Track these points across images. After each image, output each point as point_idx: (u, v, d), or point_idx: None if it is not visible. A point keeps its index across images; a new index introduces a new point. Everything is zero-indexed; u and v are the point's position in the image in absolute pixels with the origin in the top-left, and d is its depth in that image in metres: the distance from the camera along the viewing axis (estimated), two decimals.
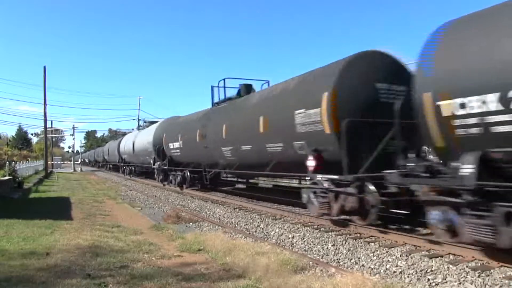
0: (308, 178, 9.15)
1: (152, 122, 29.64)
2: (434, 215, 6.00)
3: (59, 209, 12.03)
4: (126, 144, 31.74)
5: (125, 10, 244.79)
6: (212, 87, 16.09)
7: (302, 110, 8.81)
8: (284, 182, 19.03)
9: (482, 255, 5.83)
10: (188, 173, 17.87)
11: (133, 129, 52.03)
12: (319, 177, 8.39)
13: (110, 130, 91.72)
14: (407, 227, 8.02)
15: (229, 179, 20.12)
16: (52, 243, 6.95)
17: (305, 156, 8.70)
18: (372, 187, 7.36)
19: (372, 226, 7.79)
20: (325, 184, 8.25)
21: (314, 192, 8.62)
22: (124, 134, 46.09)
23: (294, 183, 17.15)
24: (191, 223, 10.01)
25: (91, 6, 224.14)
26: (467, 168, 5.27)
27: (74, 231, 8.18)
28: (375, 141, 7.62)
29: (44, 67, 35.20)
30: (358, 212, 7.72)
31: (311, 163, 8.53)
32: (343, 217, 8.18)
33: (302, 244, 7.44)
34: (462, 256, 6.00)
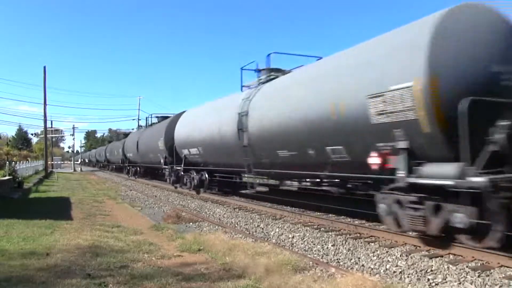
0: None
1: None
2: None
3: (59, 209, 12.02)
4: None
5: (125, 10, 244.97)
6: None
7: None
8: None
9: (482, 255, 5.83)
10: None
11: (133, 129, 51.76)
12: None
13: (110, 130, 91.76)
14: None
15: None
16: (52, 243, 6.95)
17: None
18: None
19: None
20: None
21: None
22: (124, 133, 45.44)
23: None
24: (191, 223, 10.00)
25: (91, 6, 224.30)
26: None
27: (74, 231, 8.18)
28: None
29: (44, 67, 35.24)
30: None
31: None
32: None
33: (302, 244, 7.44)
34: (462, 256, 6.01)
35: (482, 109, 5.47)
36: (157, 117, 26.58)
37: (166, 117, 24.12)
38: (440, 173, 5.70)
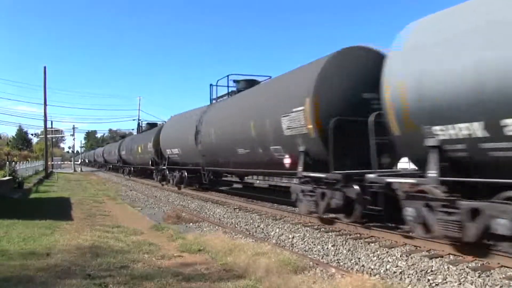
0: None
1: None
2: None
3: (59, 209, 12.02)
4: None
5: (125, 10, 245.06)
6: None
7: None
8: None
9: (482, 255, 5.83)
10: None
11: (133, 129, 52.43)
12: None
13: (110, 130, 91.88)
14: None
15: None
16: (52, 243, 6.95)
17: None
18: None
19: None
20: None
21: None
22: (124, 134, 46.83)
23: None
24: (191, 224, 10.01)
25: (91, 6, 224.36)
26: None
27: (74, 231, 8.18)
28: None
29: (44, 67, 35.22)
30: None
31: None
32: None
33: (302, 244, 7.44)
34: (462, 256, 6.00)
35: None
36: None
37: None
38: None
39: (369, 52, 8.68)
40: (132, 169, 32.32)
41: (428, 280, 5.18)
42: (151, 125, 30.53)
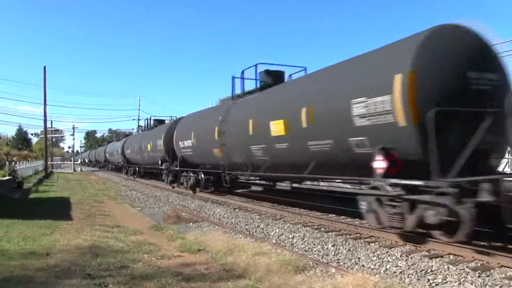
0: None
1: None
2: None
3: (59, 209, 12.02)
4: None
5: (125, 10, 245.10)
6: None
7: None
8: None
9: (482, 255, 5.84)
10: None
11: (133, 129, 52.00)
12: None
13: (110, 130, 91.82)
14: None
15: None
16: (52, 243, 6.94)
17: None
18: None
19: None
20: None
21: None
22: (125, 134, 46.13)
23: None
24: (191, 223, 10.01)
25: (91, 6, 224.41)
26: None
27: (74, 231, 8.18)
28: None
29: (44, 67, 35.15)
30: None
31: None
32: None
33: (302, 244, 7.44)
34: (462, 256, 6.01)
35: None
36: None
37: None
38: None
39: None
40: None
41: (428, 280, 5.18)
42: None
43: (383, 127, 6.76)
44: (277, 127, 9.87)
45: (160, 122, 27.48)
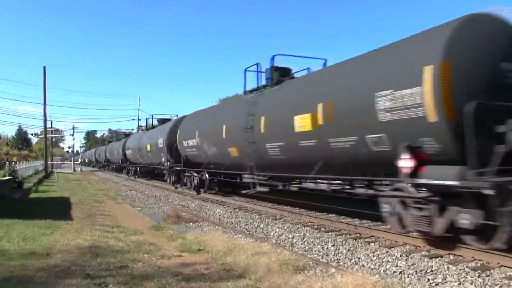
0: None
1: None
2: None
3: (59, 209, 12.02)
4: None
5: (124, 10, 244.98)
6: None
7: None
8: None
9: (482, 255, 5.83)
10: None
11: (133, 129, 51.99)
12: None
13: (110, 130, 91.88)
14: None
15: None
16: (52, 243, 6.94)
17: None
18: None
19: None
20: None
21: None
22: (125, 134, 46.11)
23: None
24: (191, 223, 10.01)
25: (91, 6, 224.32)
26: None
27: (74, 231, 8.18)
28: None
29: (44, 67, 35.20)
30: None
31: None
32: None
33: (302, 244, 7.45)
34: (462, 256, 6.01)
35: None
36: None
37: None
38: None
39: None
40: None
41: (428, 279, 5.18)
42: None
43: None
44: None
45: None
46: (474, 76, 5.88)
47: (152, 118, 30.01)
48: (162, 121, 26.27)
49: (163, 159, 20.45)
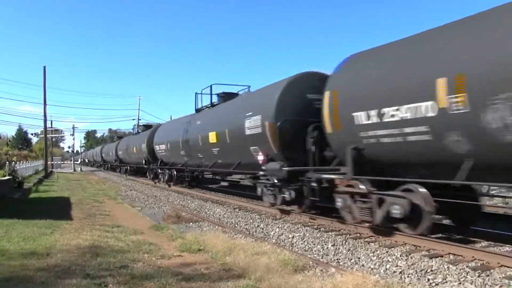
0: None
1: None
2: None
3: (59, 209, 12.02)
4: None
5: (124, 10, 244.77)
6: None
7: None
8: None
9: (482, 255, 5.84)
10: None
11: (133, 129, 52.65)
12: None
13: (110, 130, 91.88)
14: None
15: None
16: (52, 243, 6.94)
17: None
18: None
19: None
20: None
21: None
22: (123, 134, 48.57)
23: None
24: (191, 223, 10.01)
25: (91, 6, 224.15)
26: None
27: (74, 231, 8.18)
28: None
29: (44, 67, 35.12)
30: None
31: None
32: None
33: (302, 244, 7.44)
34: (462, 256, 6.01)
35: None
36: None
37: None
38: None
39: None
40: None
41: (428, 279, 5.18)
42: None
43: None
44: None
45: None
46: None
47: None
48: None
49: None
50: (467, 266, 5.55)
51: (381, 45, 7.85)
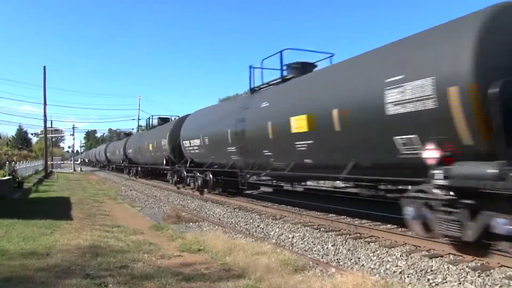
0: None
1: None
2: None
3: (59, 209, 12.02)
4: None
5: (124, 10, 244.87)
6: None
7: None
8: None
9: (482, 255, 5.83)
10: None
11: (133, 129, 51.86)
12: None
13: (110, 130, 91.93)
14: None
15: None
16: (52, 243, 6.94)
17: None
18: None
19: None
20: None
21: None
22: (125, 133, 45.73)
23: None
24: (191, 223, 10.01)
25: (91, 6, 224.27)
26: None
27: (74, 231, 8.18)
28: None
29: (44, 67, 35.11)
30: None
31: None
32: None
33: (302, 244, 7.44)
34: (462, 256, 6.00)
35: None
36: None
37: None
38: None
39: None
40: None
41: (428, 279, 5.18)
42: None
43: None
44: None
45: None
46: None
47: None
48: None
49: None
50: (467, 266, 5.55)
51: None
